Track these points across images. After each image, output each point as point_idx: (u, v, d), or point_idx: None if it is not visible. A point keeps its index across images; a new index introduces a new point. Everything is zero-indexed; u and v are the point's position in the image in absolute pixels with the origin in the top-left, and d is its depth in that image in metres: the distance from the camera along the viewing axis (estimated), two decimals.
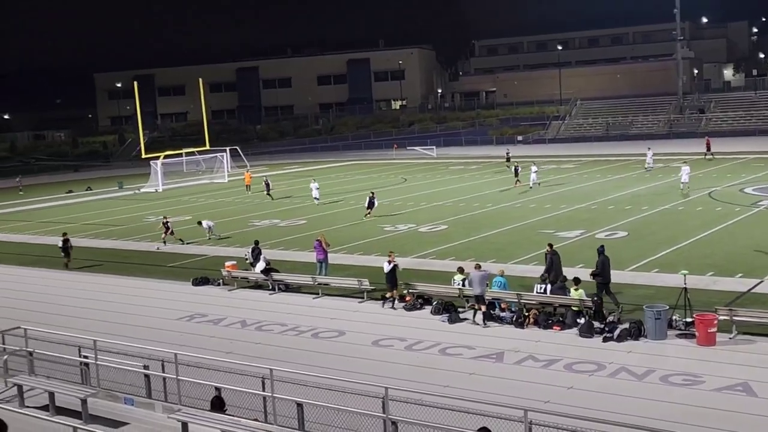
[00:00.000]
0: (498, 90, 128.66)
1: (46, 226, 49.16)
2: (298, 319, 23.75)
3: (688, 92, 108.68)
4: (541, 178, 54.12)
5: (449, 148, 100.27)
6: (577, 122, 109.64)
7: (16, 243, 43.42)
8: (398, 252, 33.30)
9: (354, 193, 56.72)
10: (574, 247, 32.42)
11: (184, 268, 33.23)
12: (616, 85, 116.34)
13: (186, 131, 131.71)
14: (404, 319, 23.31)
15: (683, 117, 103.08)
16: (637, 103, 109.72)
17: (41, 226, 49.32)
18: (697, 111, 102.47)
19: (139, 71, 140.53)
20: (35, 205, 62.53)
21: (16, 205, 62.93)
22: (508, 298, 23.04)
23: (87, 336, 18.54)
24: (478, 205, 46.97)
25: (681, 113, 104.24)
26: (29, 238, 45.05)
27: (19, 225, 50.67)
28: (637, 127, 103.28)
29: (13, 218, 54.68)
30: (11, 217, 55.28)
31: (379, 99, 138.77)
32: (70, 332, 20.00)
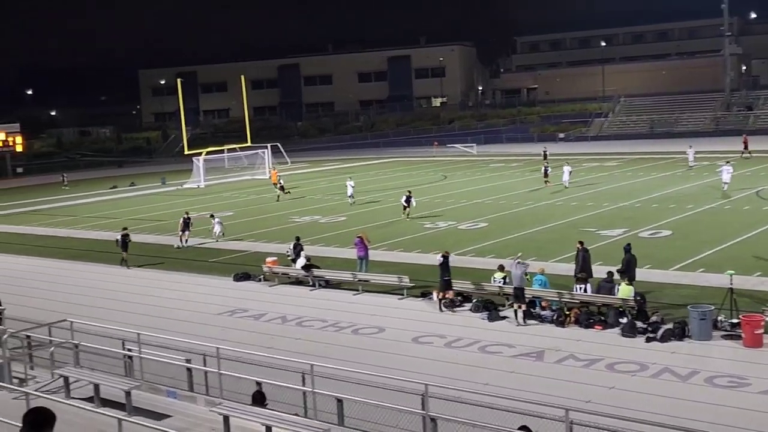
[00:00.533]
0: (539, 87, 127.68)
1: (91, 221, 49.89)
2: (339, 315, 23.84)
3: (735, 89, 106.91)
4: (573, 178, 53.18)
5: (490, 145, 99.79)
6: (620, 119, 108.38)
7: (62, 237, 44.15)
8: (437, 249, 33.26)
9: (394, 191, 56.68)
10: (617, 245, 32.00)
11: (225, 263, 33.50)
12: (660, 82, 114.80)
13: (228, 128, 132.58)
14: (444, 317, 23.28)
15: (730, 114, 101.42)
16: (682, 100, 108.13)
17: (86, 221, 50.07)
18: (744, 108, 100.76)
19: (182, 68, 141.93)
20: (81, 200, 63.49)
21: (63, 200, 63.95)
22: (548, 296, 22.90)
23: (131, 329, 18.80)
24: (519, 202, 46.72)
25: (728, 110, 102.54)
26: (75, 232, 45.75)
27: (66, 219, 51.50)
28: (682, 124, 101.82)
29: (60, 213, 55.59)
30: (58, 212, 56.21)
31: (420, 96, 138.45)
32: (115, 325, 20.29)
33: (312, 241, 36.37)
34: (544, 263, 27.63)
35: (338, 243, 36.30)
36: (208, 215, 42.46)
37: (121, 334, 18.22)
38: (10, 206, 61.34)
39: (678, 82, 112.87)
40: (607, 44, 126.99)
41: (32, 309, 25.69)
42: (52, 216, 53.94)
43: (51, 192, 71.63)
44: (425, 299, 25.20)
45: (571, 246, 29.92)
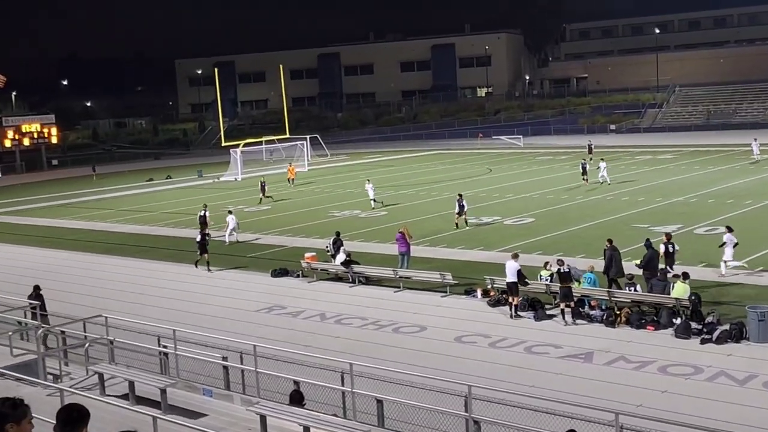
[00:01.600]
0: (590, 76, 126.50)
1: (126, 215, 50.56)
2: (379, 313, 23.89)
3: None
4: (622, 172, 52.16)
5: (537, 137, 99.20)
6: (675, 110, 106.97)
7: (97, 231, 44.80)
8: (482, 245, 33.24)
9: (436, 185, 56.62)
10: None
11: (263, 258, 33.73)
12: (718, 71, 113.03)
13: (266, 119, 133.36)
14: (488, 315, 23.21)
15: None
16: (741, 89, 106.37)
17: (122, 215, 50.75)
18: None
19: (219, 58, 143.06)
20: (116, 193, 64.35)
21: (97, 193, 64.84)
22: (598, 295, 22.71)
23: (166, 326, 19.03)
24: (567, 197, 46.39)
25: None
26: (110, 226, 46.39)
27: (101, 213, 52.24)
28: (741, 115, 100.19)
29: (95, 206, 56.41)
30: (93, 205, 57.04)
31: (464, 86, 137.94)
32: (150, 321, 20.55)
33: (352, 237, 36.46)
34: (593, 261, 27.38)
35: (379, 238, 36.35)
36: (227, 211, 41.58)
37: (157, 331, 18.44)
38: (43, 199, 62.37)
39: (736, 70, 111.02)
40: (661, 31, 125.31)
41: (67, 304, 26.13)
42: (87, 209, 54.74)
43: (84, 185, 72.68)
44: (469, 297, 25.15)
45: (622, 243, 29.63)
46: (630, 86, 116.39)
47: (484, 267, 29.04)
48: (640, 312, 21.76)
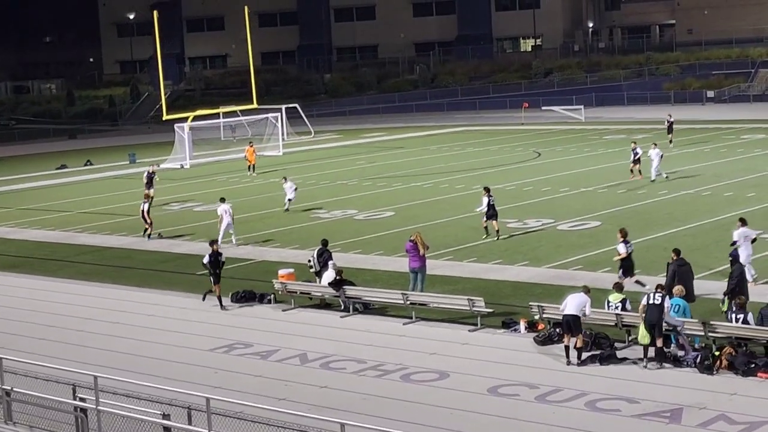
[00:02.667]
0: (679, 23, 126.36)
1: (30, 216, 50.60)
2: (382, 354, 23.90)
3: None
4: (662, 168, 50.83)
5: (604, 108, 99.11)
6: None
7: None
8: (527, 259, 33.29)
9: (463, 174, 56.60)
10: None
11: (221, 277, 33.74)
12: None
13: (225, 82, 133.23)
14: (534, 357, 23.21)
15: None
16: None
17: (24, 216, 50.79)
18: None
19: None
20: (15, 186, 64.39)
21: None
22: (689, 329, 22.70)
23: (85, 370, 19.04)
24: (645, 192, 46.35)
25: None
26: (8, 231, 46.42)
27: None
28: None
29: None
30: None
31: (502, 37, 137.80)
32: (63, 365, 20.54)
33: (345, 247, 36.45)
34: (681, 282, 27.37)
35: (382, 249, 36.32)
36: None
37: (72, 377, 18.46)
38: None
39: None
40: None
41: None
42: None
43: None
44: (508, 331, 25.14)
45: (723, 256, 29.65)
46: (735, 36, 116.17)
47: (530, 289, 28.99)
48: (748, 353, 21.76)
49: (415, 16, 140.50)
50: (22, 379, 18.81)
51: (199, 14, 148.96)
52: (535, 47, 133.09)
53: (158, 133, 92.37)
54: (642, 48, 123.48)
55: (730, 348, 21.77)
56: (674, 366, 21.84)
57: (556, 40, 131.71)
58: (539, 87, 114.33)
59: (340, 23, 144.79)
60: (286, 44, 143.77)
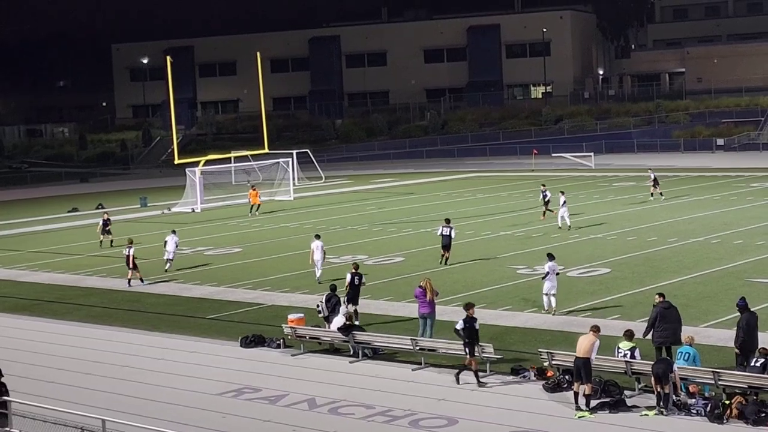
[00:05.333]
0: (688, 71, 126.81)
1: (41, 258, 50.66)
2: (391, 399, 23.83)
3: None
4: (571, 217, 51.73)
5: (614, 155, 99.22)
6: None
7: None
8: (537, 305, 33.21)
9: (473, 220, 56.69)
10: None
11: (230, 321, 33.71)
12: None
13: (237, 127, 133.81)
14: (544, 404, 23.14)
15: None
16: None
17: (34, 258, 50.85)
18: None
19: (173, 42, 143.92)
20: (26, 228, 64.56)
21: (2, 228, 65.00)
22: (700, 377, 22.61)
23: (93, 414, 18.99)
24: (656, 239, 46.31)
25: None
26: (18, 274, 46.46)
27: (5, 256, 52.34)
28: None
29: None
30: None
31: (513, 83, 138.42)
32: (71, 408, 20.49)
33: None
34: (692, 329, 27.27)
35: (392, 294, 36.29)
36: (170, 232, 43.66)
37: (80, 420, 18.40)
38: None
39: None
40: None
41: None
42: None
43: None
44: (517, 378, 25.08)
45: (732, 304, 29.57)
46: (744, 85, 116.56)
47: (539, 336, 28.97)
48: (758, 402, 21.64)
49: (426, 62, 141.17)
50: (30, 422, 18.78)
51: (211, 59, 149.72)
52: (546, 94, 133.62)
53: (170, 177, 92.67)
54: (652, 96, 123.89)
55: (741, 397, 21.67)
56: (683, 414, 21.75)
57: (566, 87, 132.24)
58: (549, 134, 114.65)
59: (352, 69, 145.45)
60: (298, 90, 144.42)
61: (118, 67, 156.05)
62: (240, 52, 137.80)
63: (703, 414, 21.55)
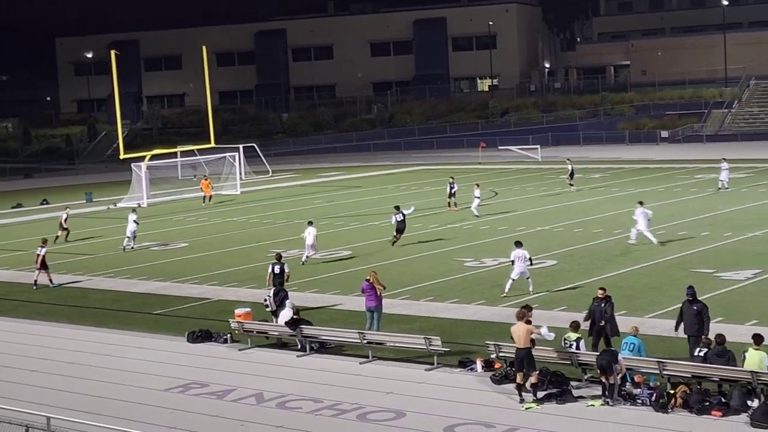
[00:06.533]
0: (633, 64, 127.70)
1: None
2: (339, 393, 23.84)
3: None
4: (481, 205, 54.07)
5: (561, 147, 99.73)
6: (749, 111, 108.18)
7: None
8: (484, 298, 33.33)
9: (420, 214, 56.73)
10: (746, 293, 32.00)
11: (176, 316, 33.55)
12: None
13: (183, 121, 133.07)
14: (492, 396, 23.23)
15: None
16: None
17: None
18: None
19: (118, 35, 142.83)
20: None
21: None
22: (645, 367, 22.81)
23: (38, 411, 18.84)
24: (602, 230, 46.61)
25: None
26: None
27: None
28: None
29: None
30: None
31: (459, 76, 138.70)
32: (16, 405, 20.32)
33: (301, 286, 36.39)
34: (638, 320, 27.50)
35: (339, 288, 36.28)
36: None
37: (25, 418, 18.26)
38: None
39: None
40: (730, 3, 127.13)
41: None
42: None
43: None
44: (465, 370, 25.18)
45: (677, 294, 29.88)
46: (688, 77, 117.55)
47: (487, 328, 29.04)
48: (702, 391, 21.87)
49: (372, 55, 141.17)
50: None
51: (157, 53, 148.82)
52: (492, 87, 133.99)
53: (115, 172, 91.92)
54: (597, 88, 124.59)
55: (685, 386, 21.88)
56: (629, 404, 21.93)
57: (512, 80, 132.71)
58: (496, 126, 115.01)
59: (298, 63, 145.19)
60: (244, 83, 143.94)
61: (63, 61, 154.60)
62: (186, 46, 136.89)
63: (648, 403, 21.75)
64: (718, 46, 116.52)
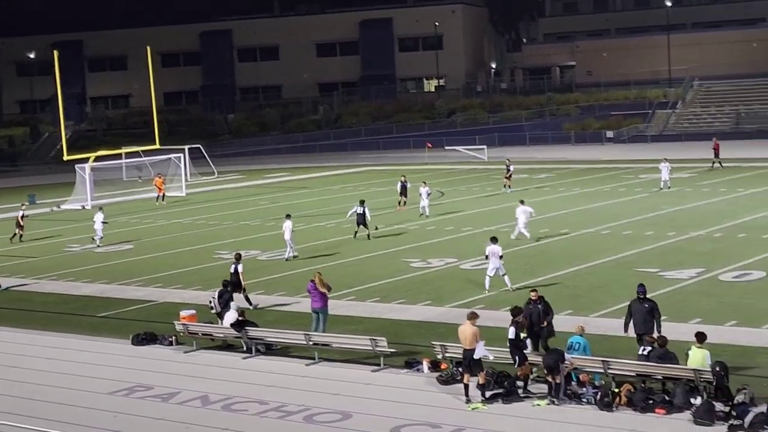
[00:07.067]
0: (578, 65, 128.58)
1: None
2: (285, 395, 23.78)
3: None
4: (433, 202, 55.18)
5: (507, 148, 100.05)
6: (693, 112, 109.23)
7: None
8: (432, 299, 33.38)
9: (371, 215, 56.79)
10: (689, 292, 32.30)
11: (121, 319, 33.32)
12: (750, 59, 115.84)
13: (128, 122, 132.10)
14: (438, 397, 23.26)
15: None
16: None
17: None
18: None
19: (61, 36, 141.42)
20: None
21: None
22: (590, 366, 22.95)
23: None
24: (548, 230, 46.86)
25: None
26: None
27: None
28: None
29: None
30: None
31: (406, 77, 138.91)
32: None
33: (247, 287, 36.27)
34: (583, 319, 27.68)
35: (285, 290, 36.20)
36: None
37: None
38: None
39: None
40: (674, 4, 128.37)
41: None
42: None
43: None
44: (411, 371, 25.19)
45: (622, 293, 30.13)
46: (633, 78, 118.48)
47: (433, 329, 29.08)
48: (646, 389, 22.04)
49: (318, 56, 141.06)
50: None
51: (101, 54, 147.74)
52: (439, 87, 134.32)
53: (59, 173, 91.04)
54: (543, 89, 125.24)
55: (629, 385, 22.04)
56: (575, 403, 22.06)
57: (459, 80, 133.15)
58: (442, 127, 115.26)
59: (244, 63, 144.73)
60: (190, 84, 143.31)
61: (5, 62, 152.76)
62: (130, 47, 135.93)
63: (594, 402, 21.86)
64: (661, 47, 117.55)
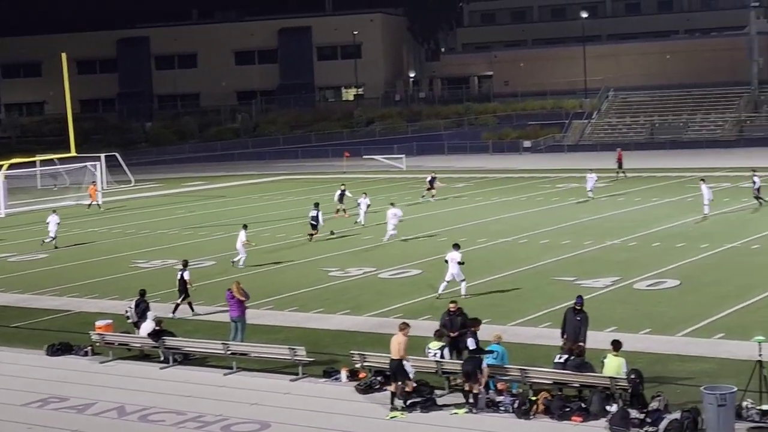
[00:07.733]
0: (496, 75, 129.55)
1: None
2: (202, 405, 23.64)
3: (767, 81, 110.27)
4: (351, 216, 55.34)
5: (425, 157, 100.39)
6: (608, 122, 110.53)
7: None
8: (350, 308, 33.39)
9: (284, 223, 56.65)
10: (604, 300, 32.66)
11: (35, 329, 32.86)
12: (664, 70, 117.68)
13: (43, 130, 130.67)
14: (356, 405, 23.27)
15: (759, 116, 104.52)
16: (694, 95, 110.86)
17: None
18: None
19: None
20: None
21: None
22: (507, 374, 23.11)
23: None
24: (466, 239, 47.07)
25: (756, 110, 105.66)
26: None
27: None
28: (694, 129, 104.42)
29: None
30: None
31: (324, 86, 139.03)
32: None
33: (164, 296, 35.95)
34: (501, 328, 27.84)
35: (203, 299, 35.95)
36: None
37: None
38: None
39: (688, 70, 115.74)
40: (590, 16, 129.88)
41: None
42: None
43: None
44: (330, 380, 25.18)
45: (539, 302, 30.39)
46: (549, 89, 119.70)
47: (351, 338, 29.09)
48: (563, 397, 22.24)
49: (237, 64, 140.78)
50: None
51: (15, 60, 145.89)
52: (357, 96, 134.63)
53: None
54: (461, 98, 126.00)
55: (546, 393, 22.24)
56: (492, 411, 22.19)
57: (377, 89, 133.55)
58: (361, 136, 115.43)
59: (161, 71, 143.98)
60: (106, 91, 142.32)
61: None
62: (45, 53, 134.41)
63: (511, 410, 22.02)
64: (578, 58, 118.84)
